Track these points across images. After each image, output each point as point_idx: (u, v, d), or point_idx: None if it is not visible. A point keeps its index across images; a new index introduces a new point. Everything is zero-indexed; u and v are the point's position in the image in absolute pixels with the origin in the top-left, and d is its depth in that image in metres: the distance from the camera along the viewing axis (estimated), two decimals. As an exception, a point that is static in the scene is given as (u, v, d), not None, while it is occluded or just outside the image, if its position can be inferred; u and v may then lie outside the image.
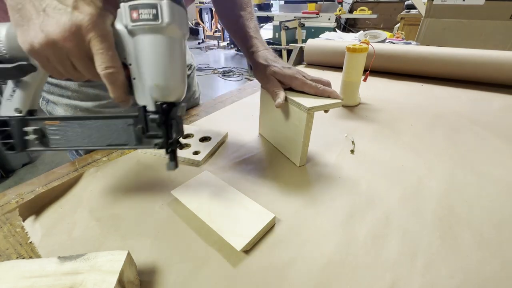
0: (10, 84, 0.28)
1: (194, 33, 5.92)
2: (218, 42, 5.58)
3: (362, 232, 0.31)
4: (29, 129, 0.29)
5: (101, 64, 0.24)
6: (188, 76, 0.68)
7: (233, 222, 0.31)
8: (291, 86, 0.42)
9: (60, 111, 0.49)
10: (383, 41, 1.01)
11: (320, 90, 0.41)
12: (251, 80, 2.64)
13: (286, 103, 0.41)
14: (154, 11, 0.23)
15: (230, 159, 0.45)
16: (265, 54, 0.46)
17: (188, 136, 0.51)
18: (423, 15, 1.21)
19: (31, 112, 0.30)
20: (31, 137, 0.30)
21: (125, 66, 0.26)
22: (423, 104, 0.62)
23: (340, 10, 3.82)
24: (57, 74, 0.27)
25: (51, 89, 0.46)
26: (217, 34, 5.64)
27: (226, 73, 3.73)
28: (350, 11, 4.32)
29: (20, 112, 0.29)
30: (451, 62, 0.71)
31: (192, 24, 6.11)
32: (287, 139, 0.44)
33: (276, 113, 0.45)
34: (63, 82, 0.46)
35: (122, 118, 0.29)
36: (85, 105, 0.48)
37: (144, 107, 0.28)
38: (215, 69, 3.92)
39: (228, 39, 5.44)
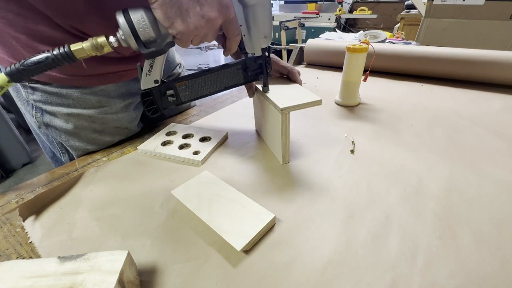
0: (146, 62, 0.35)
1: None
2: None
3: (362, 232, 0.31)
4: (169, 92, 0.39)
5: (234, 32, 0.36)
6: (179, 74, 0.67)
7: (233, 222, 0.31)
8: None
9: (59, 122, 0.46)
10: (383, 41, 1.01)
11: (292, 70, 0.47)
12: (251, 80, 2.63)
13: (265, 100, 0.42)
14: None
15: (230, 159, 0.45)
16: None
17: (188, 136, 0.51)
18: (423, 15, 1.21)
19: (162, 81, 0.38)
20: (170, 99, 0.40)
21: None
22: (423, 104, 0.62)
23: (340, 10, 3.82)
24: (187, 45, 0.34)
25: (49, 99, 0.44)
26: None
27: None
28: (350, 11, 4.31)
29: (158, 82, 0.37)
30: (451, 62, 0.71)
31: (192, 24, 6.10)
32: (272, 136, 0.45)
33: (262, 111, 0.46)
34: (63, 90, 0.44)
35: (232, 66, 0.40)
36: (88, 113, 0.47)
37: (246, 54, 0.39)
38: (215, 69, 3.91)
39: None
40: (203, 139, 0.49)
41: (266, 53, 0.39)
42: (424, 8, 1.20)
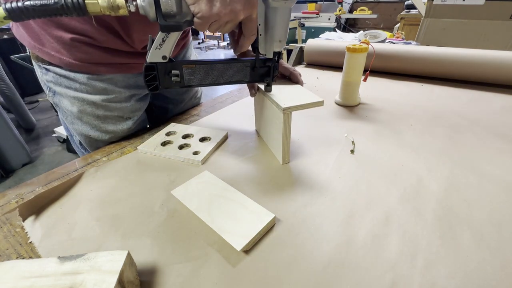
0: (160, 35, 0.34)
1: (194, 33, 5.92)
2: (218, 42, 5.58)
3: (362, 232, 0.31)
4: (174, 72, 0.38)
5: (251, 31, 0.36)
6: None
7: (233, 222, 0.31)
8: None
9: (66, 104, 0.49)
10: (383, 41, 1.01)
11: (294, 72, 0.47)
12: (251, 80, 2.63)
13: (267, 100, 0.42)
14: None
15: (230, 159, 0.45)
16: None
17: (188, 136, 0.51)
18: (423, 15, 1.21)
19: (170, 60, 0.37)
20: (173, 78, 0.38)
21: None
22: (423, 104, 0.62)
23: (340, 10, 3.82)
24: (204, 29, 0.34)
25: (59, 80, 0.47)
26: (217, 34, 5.64)
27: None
28: (350, 11, 4.32)
29: (165, 58, 0.36)
30: (451, 62, 0.71)
31: (192, 24, 6.11)
32: (272, 136, 0.45)
33: (264, 111, 0.46)
34: (72, 74, 0.46)
35: (242, 62, 0.40)
36: (92, 98, 0.48)
37: (258, 54, 0.38)
38: (215, 69, 3.91)
39: (228, 39, 5.43)
40: (203, 139, 0.49)
41: (276, 58, 0.39)
42: (424, 8, 1.20)
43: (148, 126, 0.61)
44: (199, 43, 5.69)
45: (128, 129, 0.54)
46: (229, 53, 4.89)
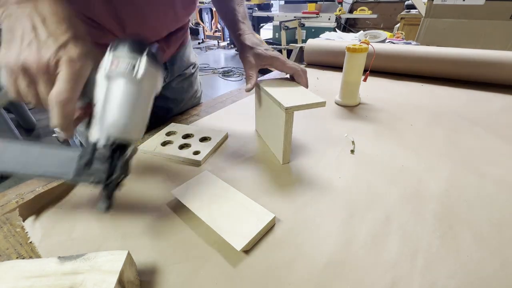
0: None
1: (194, 33, 5.92)
2: (218, 42, 5.58)
3: (362, 232, 0.31)
4: None
5: (56, 91, 0.25)
6: (192, 74, 0.69)
7: (233, 222, 0.31)
8: (273, 67, 0.46)
9: None
10: (383, 41, 1.01)
11: (298, 71, 0.45)
12: (251, 80, 2.63)
13: (269, 99, 0.42)
14: (132, 64, 0.27)
15: (230, 159, 0.45)
16: (251, 38, 0.49)
17: (188, 136, 0.51)
18: (423, 15, 1.21)
19: None
20: None
21: (90, 105, 0.29)
22: (423, 104, 0.62)
23: (340, 10, 3.82)
24: (19, 97, 0.27)
25: None
26: (217, 34, 5.64)
27: (226, 73, 3.73)
28: (350, 11, 4.32)
29: None
30: (451, 62, 0.71)
31: (192, 24, 6.11)
32: (273, 136, 0.45)
33: (265, 110, 0.46)
34: None
35: (69, 150, 0.29)
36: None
37: (95, 143, 0.28)
38: (215, 69, 3.92)
39: (228, 39, 5.44)
40: (203, 139, 0.49)
41: (118, 152, 0.28)
42: (424, 8, 1.20)
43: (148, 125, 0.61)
44: (199, 43, 5.69)
45: None
46: (230, 54, 4.89)
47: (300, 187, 0.38)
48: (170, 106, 0.68)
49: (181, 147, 0.47)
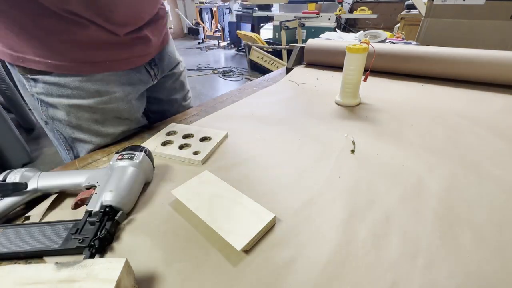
0: None
1: (194, 33, 5.93)
2: (218, 42, 5.58)
3: (362, 232, 0.31)
4: None
5: None
6: (181, 74, 0.68)
7: (233, 222, 0.31)
8: None
9: (61, 115, 0.46)
10: (383, 41, 1.01)
11: None
12: (251, 80, 2.64)
13: None
14: (133, 155, 0.38)
15: (230, 159, 0.45)
16: None
17: (188, 136, 0.51)
18: (423, 15, 1.21)
19: None
20: None
21: (92, 187, 0.35)
22: (423, 104, 0.62)
23: (340, 10, 3.82)
24: None
25: (50, 90, 0.45)
26: (217, 34, 5.64)
27: (226, 73, 3.73)
28: (350, 11, 4.31)
29: None
30: (451, 62, 0.71)
31: (192, 24, 6.11)
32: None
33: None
34: (62, 80, 0.44)
35: (62, 223, 0.31)
36: (87, 103, 0.47)
37: (90, 210, 0.32)
38: (215, 69, 3.92)
39: (228, 39, 5.44)
40: (203, 139, 0.49)
41: (106, 216, 0.31)
42: (424, 8, 1.20)
43: (148, 125, 0.60)
44: (199, 43, 5.69)
45: (128, 130, 0.54)
46: (230, 54, 4.89)
47: (300, 187, 0.38)
48: (166, 108, 0.68)
49: (181, 147, 0.47)
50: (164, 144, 0.48)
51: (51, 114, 0.47)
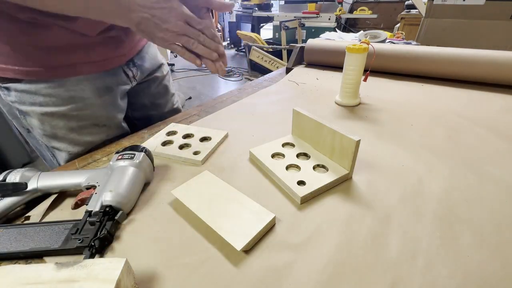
0: None
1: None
2: (218, 42, 5.56)
3: (362, 232, 0.31)
4: None
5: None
6: (164, 77, 0.66)
7: (233, 222, 0.31)
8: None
9: (36, 123, 0.45)
10: (383, 41, 1.01)
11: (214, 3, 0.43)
12: (251, 80, 2.63)
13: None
14: (133, 155, 0.38)
15: (230, 159, 0.45)
16: None
17: (188, 136, 0.51)
18: (423, 15, 1.21)
19: None
20: None
21: (92, 187, 0.35)
22: (423, 104, 0.62)
23: (340, 10, 3.82)
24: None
25: (22, 98, 0.43)
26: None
27: (226, 73, 3.72)
28: (350, 11, 4.31)
29: None
30: (451, 62, 0.71)
31: (192, 24, 6.09)
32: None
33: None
34: (32, 87, 0.42)
35: (62, 223, 0.31)
36: (61, 110, 0.45)
37: (90, 210, 0.32)
38: (215, 69, 3.91)
39: (228, 39, 5.43)
40: (203, 139, 0.49)
41: (105, 216, 0.31)
42: (424, 8, 1.20)
43: (130, 132, 0.58)
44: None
45: (106, 137, 0.52)
46: (230, 54, 4.88)
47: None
48: (150, 113, 0.66)
49: (181, 147, 0.47)
50: (164, 144, 0.48)
51: (29, 123, 0.46)
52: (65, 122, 0.47)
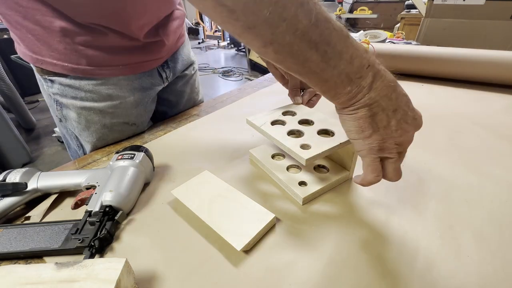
0: None
1: (194, 33, 5.92)
2: (218, 42, 5.57)
3: (362, 232, 0.31)
4: None
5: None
6: (192, 76, 0.67)
7: (233, 222, 0.31)
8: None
9: (73, 115, 0.48)
10: (383, 41, 1.01)
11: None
12: (251, 80, 2.63)
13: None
14: (133, 155, 0.38)
15: (230, 159, 0.45)
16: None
17: (307, 122, 0.41)
18: (424, 15, 1.21)
19: None
20: None
21: (92, 187, 0.35)
22: (423, 104, 0.62)
23: (340, 10, 3.83)
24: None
25: (65, 91, 0.46)
26: (217, 34, 5.64)
27: (226, 73, 3.73)
28: (350, 11, 4.31)
29: None
30: (451, 62, 0.71)
31: (192, 24, 6.11)
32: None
33: None
34: (76, 82, 0.45)
35: (62, 223, 0.32)
36: (99, 106, 0.48)
37: (90, 210, 0.32)
38: (215, 69, 3.92)
39: (228, 38, 5.43)
40: (323, 132, 0.37)
41: (105, 216, 0.31)
42: (424, 8, 1.20)
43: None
44: (199, 43, 5.69)
45: (132, 134, 0.55)
46: (230, 54, 4.88)
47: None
48: (171, 109, 0.67)
49: (291, 133, 0.37)
50: (273, 123, 0.39)
51: (64, 114, 0.49)
52: (100, 117, 0.49)
